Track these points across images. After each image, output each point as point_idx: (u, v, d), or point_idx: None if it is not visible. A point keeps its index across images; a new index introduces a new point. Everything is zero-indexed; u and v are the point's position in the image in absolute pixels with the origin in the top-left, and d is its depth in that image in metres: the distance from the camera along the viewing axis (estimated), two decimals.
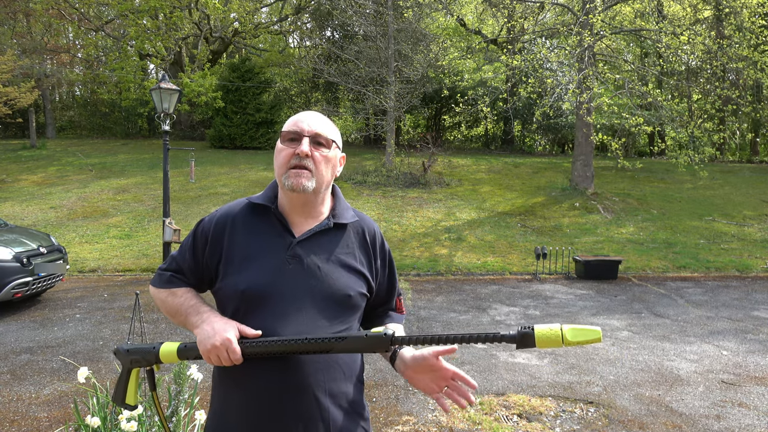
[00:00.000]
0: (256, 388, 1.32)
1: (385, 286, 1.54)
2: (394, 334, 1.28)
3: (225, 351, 1.26)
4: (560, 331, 1.18)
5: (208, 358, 1.29)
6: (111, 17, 22.95)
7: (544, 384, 4.51)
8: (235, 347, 1.26)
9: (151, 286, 1.50)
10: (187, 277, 1.45)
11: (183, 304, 1.42)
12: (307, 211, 1.41)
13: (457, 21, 20.99)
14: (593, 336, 1.17)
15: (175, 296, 1.44)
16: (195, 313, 1.38)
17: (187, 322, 1.40)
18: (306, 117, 1.40)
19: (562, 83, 13.55)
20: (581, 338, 1.17)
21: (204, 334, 1.30)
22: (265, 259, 1.36)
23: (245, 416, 1.33)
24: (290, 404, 1.30)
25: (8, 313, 6.58)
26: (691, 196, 15.16)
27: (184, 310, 1.41)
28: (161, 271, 1.48)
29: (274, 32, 26.18)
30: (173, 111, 8.88)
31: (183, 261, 1.45)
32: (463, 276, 9.49)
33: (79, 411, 2.88)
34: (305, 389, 1.31)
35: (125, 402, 1.45)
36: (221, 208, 1.47)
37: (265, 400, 1.31)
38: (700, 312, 7.07)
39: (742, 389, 4.45)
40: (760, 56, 13.52)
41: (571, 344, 1.17)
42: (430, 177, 15.87)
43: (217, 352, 1.27)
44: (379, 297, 1.53)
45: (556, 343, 1.18)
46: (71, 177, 16.19)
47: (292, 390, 1.30)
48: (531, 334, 1.20)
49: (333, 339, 1.26)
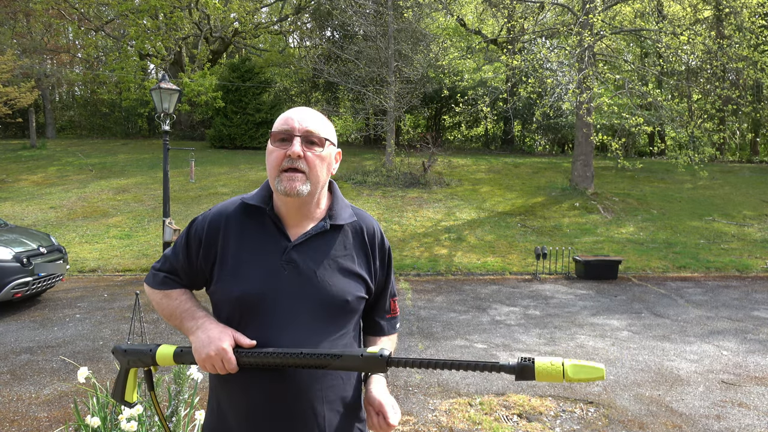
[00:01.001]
0: (251, 394, 1.30)
1: (381, 284, 1.49)
2: (390, 355, 1.27)
3: (220, 361, 1.25)
4: (562, 366, 1.16)
5: (203, 366, 1.28)
6: (111, 17, 22.95)
7: (544, 384, 4.51)
8: (231, 357, 1.25)
9: (145, 284, 1.48)
10: (181, 278, 1.43)
11: (178, 307, 1.39)
12: (303, 212, 1.36)
13: (457, 21, 20.99)
14: (596, 374, 1.15)
15: (170, 299, 1.41)
16: (190, 318, 1.36)
17: (182, 326, 1.38)
18: (296, 114, 1.33)
19: (562, 83, 13.55)
20: (583, 375, 1.15)
21: (199, 342, 1.29)
22: (260, 264, 1.32)
23: (242, 420, 1.32)
24: (286, 410, 1.29)
25: (8, 313, 6.58)
26: (691, 196, 15.16)
27: (179, 314, 1.38)
28: (155, 271, 1.45)
29: (274, 32, 26.19)
30: (173, 111, 8.88)
31: (176, 261, 1.42)
32: (463, 276, 9.49)
33: (79, 411, 2.88)
34: (301, 397, 1.29)
35: (124, 399, 1.46)
36: (214, 208, 1.43)
37: (260, 406, 1.30)
38: (700, 312, 7.06)
39: (742, 389, 4.45)
40: (760, 56, 13.53)
41: (572, 381, 1.15)
42: (430, 177, 15.87)
43: (212, 362, 1.26)
44: (374, 296, 1.49)
45: (556, 378, 1.16)
46: (71, 177, 16.19)
47: (288, 397, 1.29)
48: (531, 366, 1.18)
49: (329, 356, 1.24)
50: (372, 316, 1.51)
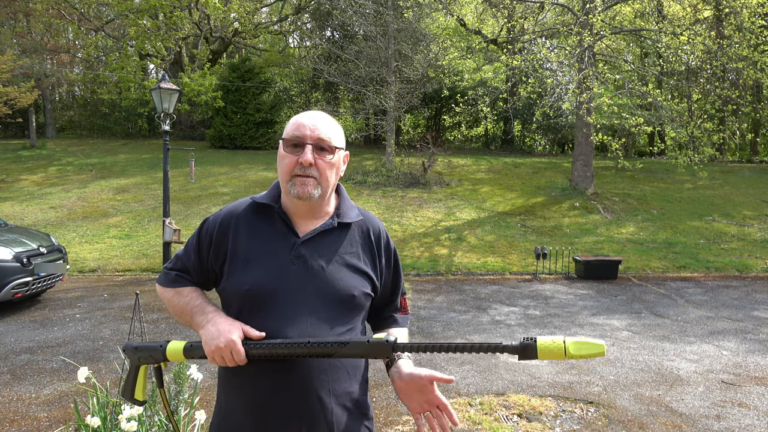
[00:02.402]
0: (260, 387, 1.32)
1: (390, 285, 1.53)
2: (396, 340, 1.28)
3: (229, 352, 1.27)
4: (563, 344, 1.18)
5: (212, 359, 1.30)
6: (111, 17, 22.94)
7: (544, 384, 4.51)
8: (240, 348, 1.27)
9: (157, 284, 1.52)
10: (193, 277, 1.46)
11: (189, 303, 1.42)
12: (313, 213, 1.41)
13: (457, 21, 20.97)
14: (597, 350, 1.17)
15: (181, 296, 1.44)
16: (200, 312, 1.38)
17: (193, 322, 1.40)
18: (308, 120, 1.36)
19: (562, 83, 13.54)
20: (584, 351, 1.17)
21: (209, 335, 1.31)
22: (270, 259, 1.35)
23: (250, 415, 1.33)
24: (294, 404, 1.31)
25: (8, 313, 6.58)
26: (691, 196, 15.16)
27: (190, 310, 1.41)
28: (167, 270, 1.49)
29: (274, 32, 26.19)
30: (173, 111, 8.88)
31: (188, 260, 1.46)
32: (463, 276, 9.49)
33: (79, 411, 2.88)
34: (309, 389, 1.31)
35: (134, 397, 1.48)
36: (225, 208, 1.47)
37: (269, 399, 1.31)
38: (700, 312, 7.06)
39: (742, 389, 4.45)
40: (760, 56, 13.52)
41: (574, 357, 1.17)
42: (430, 177, 15.87)
43: (222, 354, 1.28)
44: (384, 296, 1.52)
45: (558, 356, 1.18)
46: (71, 177, 16.19)
47: (296, 390, 1.31)
48: (533, 345, 1.20)
49: (335, 344, 1.26)
50: (384, 313, 1.56)
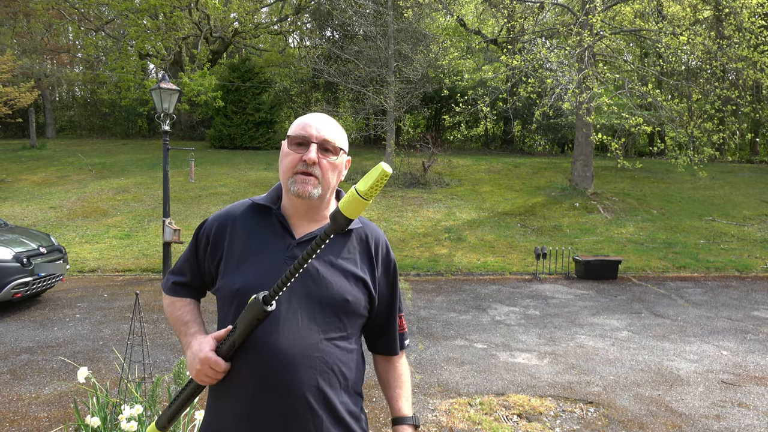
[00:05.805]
0: (248, 387, 1.30)
1: (387, 297, 1.47)
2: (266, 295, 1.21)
3: (209, 368, 1.27)
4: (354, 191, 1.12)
5: (202, 382, 1.31)
6: (111, 17, 22.95)
7: (544, 384, 4.51)
8: (215, 359, 1.26)
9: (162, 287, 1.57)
10: (189, 279, 1.49)
11: (179, 319, 1.47)
12: (311, 215, 1.40)
13: (457, 21, 20.98)
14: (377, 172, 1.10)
15: (174, 307, 1.49)
16: (185, 333, 1.43)
17: (180, 340, 1.46)
18: (314, 121, 1.37)
19: (562, 83, 13.53)
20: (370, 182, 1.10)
21: (188, 362, 1.34)
22: (263, 260, 1.35)
23: (238, 417, 1.32)
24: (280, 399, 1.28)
25: (8, 313, 6.58)
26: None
27: (179, 327, 1.46)
28: (169, 275, 1.54)
29: (274, 32, 26.18)
30: (173, 111, 8.88)
31: (186, 261, 1.49)
32: (463, 276, 9.49)
33: (79, 411, 2.88)
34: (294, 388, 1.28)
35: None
36: (224, 209, 1.48)
37: (255, 400, 1.29)
38: (700, 312, 7.07)
39: (741, 389, 4.45)
40: (760, 56, 13.52)
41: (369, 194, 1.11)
42: (430, 177, 15.87)
43: (205, 374, 1.28)
44: (380, 310, 1.47)
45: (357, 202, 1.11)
46: (71, 177, 16.18)
47: (282, 389, 1.28)
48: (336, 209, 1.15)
49: None
50: (381, 334, 1.51)
